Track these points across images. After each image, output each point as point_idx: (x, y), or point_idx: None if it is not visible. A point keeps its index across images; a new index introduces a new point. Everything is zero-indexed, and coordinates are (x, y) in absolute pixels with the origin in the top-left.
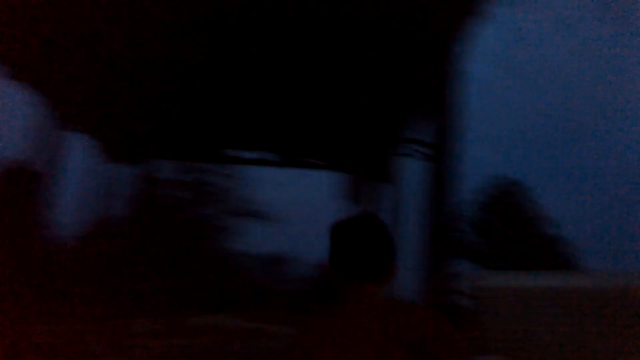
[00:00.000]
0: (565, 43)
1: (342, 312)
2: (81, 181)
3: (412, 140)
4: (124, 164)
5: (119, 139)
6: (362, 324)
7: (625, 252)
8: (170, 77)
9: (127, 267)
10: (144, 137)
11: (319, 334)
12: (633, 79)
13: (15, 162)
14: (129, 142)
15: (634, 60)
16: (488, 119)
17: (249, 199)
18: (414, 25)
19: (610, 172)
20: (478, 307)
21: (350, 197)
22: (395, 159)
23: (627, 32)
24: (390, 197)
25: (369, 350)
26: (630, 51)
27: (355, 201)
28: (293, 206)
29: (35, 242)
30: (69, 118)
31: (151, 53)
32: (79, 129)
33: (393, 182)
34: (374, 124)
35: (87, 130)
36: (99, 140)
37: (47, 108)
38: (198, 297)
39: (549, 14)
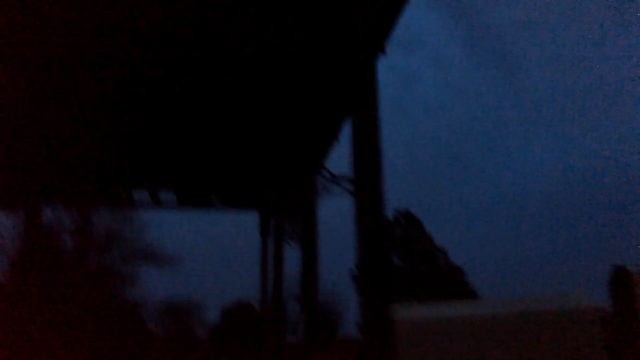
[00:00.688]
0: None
1: None
2: None
3: (329, 174)
4: (5, 211)
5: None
6: None
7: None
8: (58, 113)
9: (15, 324)
10: (27, 180)
11: None
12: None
13: None
14: (9, 188)
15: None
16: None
17: (147, 243)
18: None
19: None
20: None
21: (262, 233)
22: (310, 193)
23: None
24: (305, 231)
25: None
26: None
27: (267, 238)
28: (195, 248)
29: None
30: None
31: (41, 92)
32: None
33: (308, 215)
34: (288, 158)
35: None
36: None
37: None
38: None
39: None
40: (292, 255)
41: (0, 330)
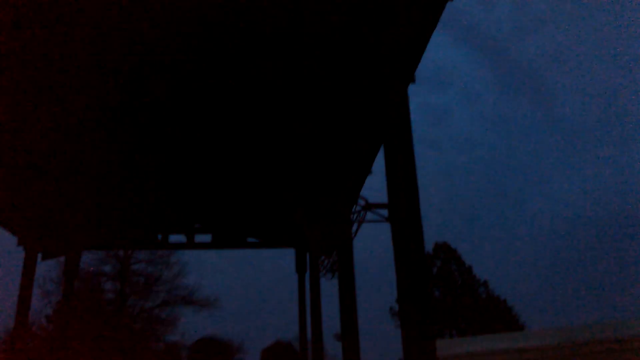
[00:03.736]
0: (477, 115)
1: None
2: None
3: (364, 203)
4: (47, 258)
5: (41, 233)
6: None
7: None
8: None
9: None
10: (68, 229)
11: None
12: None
13: None
14: (52, 236)
15: (542, 127)
16: None
17: (185, 286)
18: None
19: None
20: None
21: (299, 270)
22: (346, 226)
23: (533, 101)
24: (343, 264)
25: None
26: (536, 118)
27: (304, 274)
28: (235, 289)
29: None
30: None
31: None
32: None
33: (346, 248)
34: (323, 193)
35: (7, 226)
36: (20, 236)
37: None
38: None
39: (456, 90)
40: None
41: None
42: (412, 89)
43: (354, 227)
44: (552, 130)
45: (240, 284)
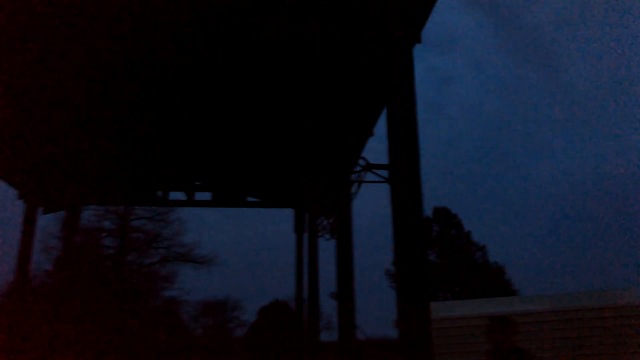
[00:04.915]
0: (481, 81)
1: None
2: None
3: (365, 163)
4: (48, 212)
5: (42, 188)
6: None
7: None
8: (95, 116)
9: (54, 323)
10: (69, 184)
11: None
12: (545, 110)
13: None
14: (53, 191)
15: (546, 95)
16: None
17: (184, 244)
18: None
19: (533, 199)
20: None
21: (297, 230)
22: (345, 187)
23: (539, 68)
24: (342, 225)
25: None
26: (541, 85)
27: (302, 234)
28: (233, 247)
29: None
30: None
31: (72, 98)
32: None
33: (345, 209)
34: (324, 153)
35: (8, 179)
36: (21, 190)
37: None
38: (135, 353)
39: (463, 55)
40: (328, 251)
41: (43, 327)
42: (418, 52)
43: (354, 188)
44: (557, 98)
45: (239, 243)
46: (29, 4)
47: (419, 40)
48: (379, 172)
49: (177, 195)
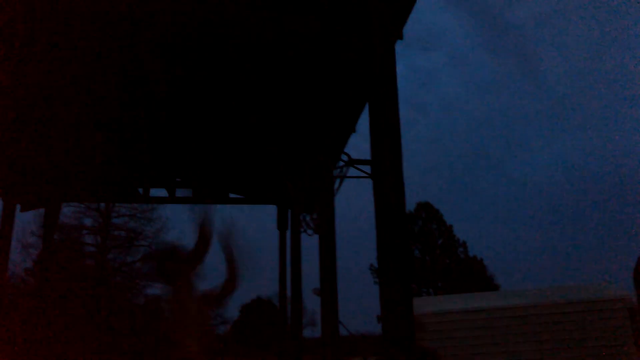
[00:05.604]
0: (462, 79)
1: None
2: None
3: (347, 158)
4: (26, 210)
5: (20, 184)
6: None
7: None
8: (76, 113)
9: (35, 321)
10: (48, 180)
11: None
12: (526, 108)
13: None
14: (32, 187)
15: (527, 93)
16: None
17: (165, 240)
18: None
19: (513, 196)
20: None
21: (280, 227)
22: (330, 182)
23: (521, 66)
24: (325, 221)
25: None
26: (522, 84)
27: (285, 231)
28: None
29: None
30: None
31: (51, 94)
32: None
33: (328, 205)
34: (306, 150)
35: None
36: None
37: None
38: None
39: (444, 53)
40: (311, 248)
41: (22, 326)
42: (400, 50)
43: (337, 184)
44: (536, 96)
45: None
46: None
47: (400, 37)
48: (362, 167)
49: (159, 192)
